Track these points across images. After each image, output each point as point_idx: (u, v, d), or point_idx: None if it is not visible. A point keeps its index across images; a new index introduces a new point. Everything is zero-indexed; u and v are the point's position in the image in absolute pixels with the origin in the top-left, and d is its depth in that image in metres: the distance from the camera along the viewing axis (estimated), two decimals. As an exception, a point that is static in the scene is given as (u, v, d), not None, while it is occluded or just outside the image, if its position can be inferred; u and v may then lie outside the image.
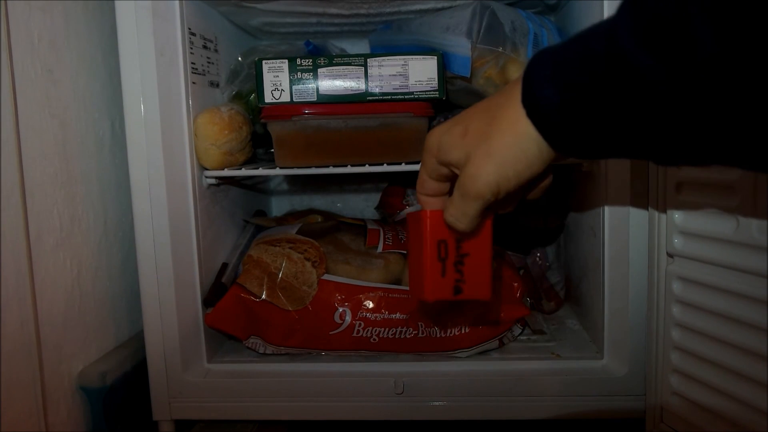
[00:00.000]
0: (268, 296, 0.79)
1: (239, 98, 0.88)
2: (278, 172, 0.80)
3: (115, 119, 0.85)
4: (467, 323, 0.79)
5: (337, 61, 0.75)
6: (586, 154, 0.36)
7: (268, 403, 0.77)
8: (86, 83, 0.79)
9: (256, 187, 1.12)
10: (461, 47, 0.76)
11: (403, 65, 0.75)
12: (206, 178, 0.81)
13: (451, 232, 0.44)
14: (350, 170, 0.78)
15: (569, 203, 0.97)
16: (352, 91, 0.76)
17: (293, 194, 1.23)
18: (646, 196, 0.66)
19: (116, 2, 0.70)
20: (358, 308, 0.79)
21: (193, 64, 0.78)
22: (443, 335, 0.79)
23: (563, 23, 0.90)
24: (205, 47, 0.83)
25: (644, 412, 0.69)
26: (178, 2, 0.73)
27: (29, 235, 0.67)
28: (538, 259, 0.98)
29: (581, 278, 0.89)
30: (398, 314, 0.78)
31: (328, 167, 0.78)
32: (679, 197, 0.60)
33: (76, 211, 0.76)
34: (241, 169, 0.81)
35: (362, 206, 1.21)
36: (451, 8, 0.82)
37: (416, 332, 0.79)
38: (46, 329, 0.70)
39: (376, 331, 0.79)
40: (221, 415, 0.78)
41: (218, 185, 0.87)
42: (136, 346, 0.83)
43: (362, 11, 0.88)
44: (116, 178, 0.85)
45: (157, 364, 0.76)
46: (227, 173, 0.80)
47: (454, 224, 0.42)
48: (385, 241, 0.86)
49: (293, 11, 0.88)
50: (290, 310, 0.79)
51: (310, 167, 0.78)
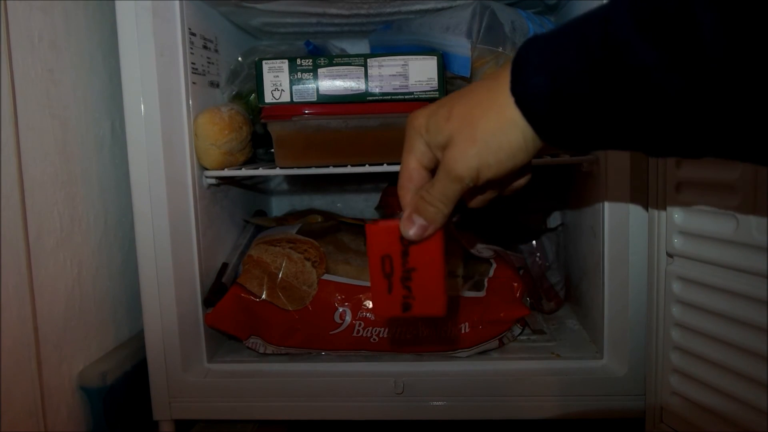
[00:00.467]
0: (268, 296, 0.79)
1: (239, 98, 0.88)
2: (278, 172, 0.80)
3: (115, 119, 0.85)
4: (467, 323, 0.79)
5: (337, 61, 0.75)
6: (574, 145, 0.35)
7: (268, 403, 0.77)
8: (86, 83, 0.79)
9: (256, 187, 1.12)
10: (461, 47, 0.76)
11: (403, 65, 0.75)
12: (206, 178, 0.81)
13: (397, 246, 0.41)
14: (350, 170, 0.78)
15: (569, 203, 0.97)
16: (352, 91, 0.76)
17: (293, 194, 1.23)
18: (646, 196, 0.66)
19: (116, 2, 0.70)
20: (358, 308, 0.79)
21: (193, 64, 0.78)
22: (443, 335, 0.79)
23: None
24: (205, 47, 0.83)
25: (644, 411, 0.69)
26: (178, 2, 0.74)
27: (29, 235, 0.67)
28: (538, 259, 0.98)
29: (581, 278, 0.89)
30: (398, 314, 0.78)
31: (328, 167, 0.78)
32: (679, 197, 0.60)
33: (76, 211, 0.76)
34: (241, 169, 0.81)
35: (362, 206, 1.21)
36: (451, 8, 0.82)
37: (416, 332, 0.79)
38: (45, 329, 0.70)
39: (376, 331, 0.79)
40: (221, 414, 0.78)
41: (218, 185, 0.87)
42: (136, 346, 0.83)
43: (362, 11, 0.88)
44: (116, 178, 0.85)
45: (157, 363, 0.76)
46: (227, 173, 0.80)
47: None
48: (385, 241, 0.86)
49: (293, 11, 0.88)
50: (290, 310, 0.79)
51: (310, 167, 0.79)
